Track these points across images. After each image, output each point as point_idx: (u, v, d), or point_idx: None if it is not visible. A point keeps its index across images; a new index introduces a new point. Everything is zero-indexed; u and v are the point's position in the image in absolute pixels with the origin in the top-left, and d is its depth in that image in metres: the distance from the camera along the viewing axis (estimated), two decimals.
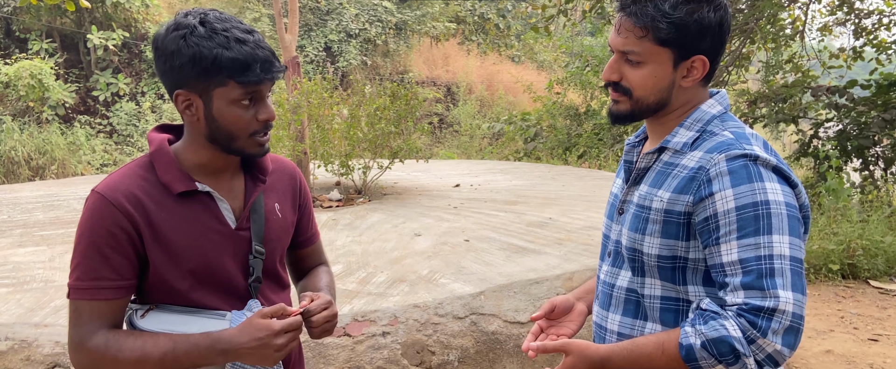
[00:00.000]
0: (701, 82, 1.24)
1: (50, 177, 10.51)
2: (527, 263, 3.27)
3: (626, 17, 1.19)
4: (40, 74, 10.87)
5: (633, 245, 1.26)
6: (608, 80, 1.25)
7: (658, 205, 1.20)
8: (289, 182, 1.43)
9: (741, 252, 1.09)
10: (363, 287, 2.99)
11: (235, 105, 1.19)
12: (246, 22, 1.40)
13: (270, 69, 1.19)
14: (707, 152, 1.18)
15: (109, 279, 1.19)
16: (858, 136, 7.48)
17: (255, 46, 1.17)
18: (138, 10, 12.23)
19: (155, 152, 1.25)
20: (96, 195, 1.20)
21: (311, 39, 14.37)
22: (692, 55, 1.19)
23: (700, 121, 1.24)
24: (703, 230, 1.15)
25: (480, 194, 5.57)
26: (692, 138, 1.22)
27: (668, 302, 1.24)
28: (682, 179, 1.18)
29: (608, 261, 1.36)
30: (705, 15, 1.15)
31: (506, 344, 2.74)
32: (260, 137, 1.24)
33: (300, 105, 5.44)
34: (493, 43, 17.36)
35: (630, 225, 1.27)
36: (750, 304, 1.07)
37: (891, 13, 9.00)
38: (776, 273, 1.07)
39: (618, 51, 1.22)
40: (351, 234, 4.07)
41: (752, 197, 1.10)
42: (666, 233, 1.20)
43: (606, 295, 1.35)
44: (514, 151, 11.70)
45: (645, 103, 1.23)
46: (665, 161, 1.25)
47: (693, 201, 1.16)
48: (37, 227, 4.31)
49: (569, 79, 11.59)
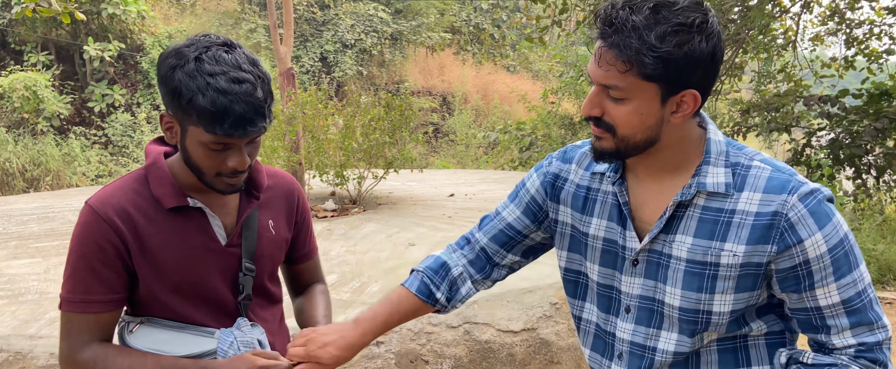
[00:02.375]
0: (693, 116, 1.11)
1: (45, 188, 10.49)
2: (520, 272, 3.29)
3: (607, 49, 1.03)
4: (35, 86, 10.88)
5: (696, 306, 1.12)
6: (588, 115, 1.10)
7: (730, 259, 1.08)
8: (285, 198, 1.40)
9: (841, 293, 1.06)
10: (357, 296, 3.00)
11: (203, 147, 1.15)
12: (242, 32, 1.39)
13: (242, 126, 1.11)
14: (767, 192, 1.07)
15: (99, 293, 1.19)
16: (850, 145, 7.54)
17: (234, 100, 1.09)
18: (134, 22, 12.28)
19: (150, 166, 1.25)
20: (88, 208, 1.20)
21: (307, 50, 14.43)
22: (681, 90, 1.04)
23: (722, 154, 1.11)
24: (788, 276, 1.08)
25: (475, 203, 5.59)
26: (728, 175, 1.10)
27: (724, 343, 1.17)
28: (755, 228, 1.06)
29: (629, 319, 1.20)
30: (696, 46, 1.00)
31: (499, 352, 2.75)
32: (227, 179, 1.19)
33: (295, 116, 5.46)
34: (489, 53, 17.45)
35: (685, 284, 1.12)
36: (865, 343, 1.07)
37: (881, 23, 9.09)
38: (873, 303, 1.08)
39: (598, 84, 1.07)
40: (345, 244, 4.09)
41: (836, 236, 1.06)
42: (741, 288, 1.10)
43: (641, 358, 1.20)
44: (510, 160, 11.73)
45: (631, 142, 1.09)
46: (704, 206, 1.10)
47: (777, 250, 1.06)
48: (32, 239, 4.31)
49: (563, 88, 11.66)
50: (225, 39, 1.17)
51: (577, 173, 1.27)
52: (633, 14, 1.00)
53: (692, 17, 1.00)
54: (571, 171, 1.28)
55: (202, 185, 1.26)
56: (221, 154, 1.16)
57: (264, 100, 1.13)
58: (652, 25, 0.99)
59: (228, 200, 1.31)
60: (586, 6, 7.99)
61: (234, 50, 1.15)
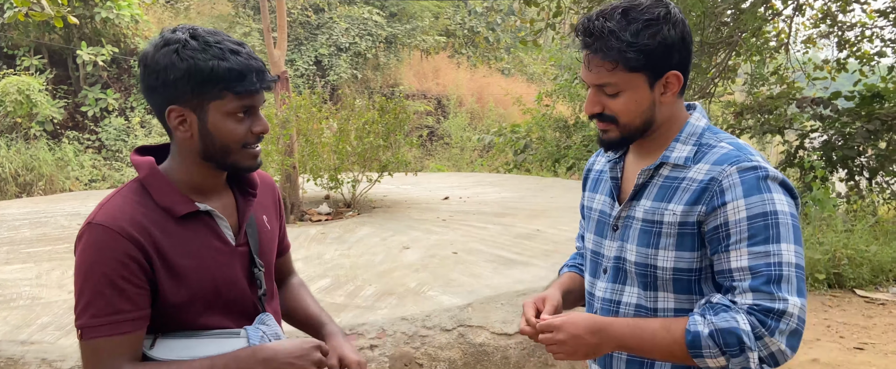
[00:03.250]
0: (678, 96, 1.27)
1: (37, 193, 10.44)
2: (514, 275, 3.29)
3: (593, 54, 1.20)
4: (28, 90, 10.83)
5: (644, 260, 1.26)
6: (591, 113, 1.27)
7: (671, 218, 1.22)
8: (270, 194, 1.44)
9: (751, 259, 1.14)
10: (351, 300, 2.99)
11: (231, 117, 1.18)
12: (236, 37, 1.42)
13: (265, 78, 1.19)
14: (715, 164, 1.20)
15: (127, 311, 1.13)
16: (843, 147, 7.57)
17: (248, 57, 1.16)
18: (128, 26, 12.24)
19: (148, 176, 1.21)
20: (99, 227, 1.13)
21: (302, 53, 14.41)
22: (664, 73, 1.21)
23: (694, 135, 1.27)
24: (712, 237, 1.19)
25: (469, 207, 5.59)
26: (692, 152, 1.25)
27: (681, 314, 1.25)
28: (694, 191, 1.20)
29: (605, 278, 1.35)
30: (667, 34, 1.18)
31: (493, 355, 2.75)
32: (253, 149, 1.23)
33: (289, 119, 5.46)
34: (483, 56, 17.48)
35: (638, 240, 1.27)
36: (761, 305, 1.12)
37: (873, 25, 9.15)
38: (784, 279, 1.13)
39: (593, 85, 1.24)
40: (339, 248, 4.08)
41: (762, 207, 1.15)
42: (680, 246, 1.22)
43: (608, 312, 1.34)
44: (505, 163, 11.75)
45: (632, 127, 1.25)
46: (666, 176, 1.26)
47: (706, 210, 1.18)
48: (24, 244, 4.29)
49: (558, 91, 11.69)
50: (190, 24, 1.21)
51: (599, 162, 1.48)
52: (607, 21, 1.18)
53: (657, 12, 1.18)
54: (597, 162, 1.50)
55: (202, 189, 1.26)
56: (245, 121, 1.20)
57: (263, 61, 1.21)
58: (625, 26, 1.17)
59: (226, 201, 1.31)
60: (580, 9, 8.01)
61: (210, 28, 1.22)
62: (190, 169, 1.23)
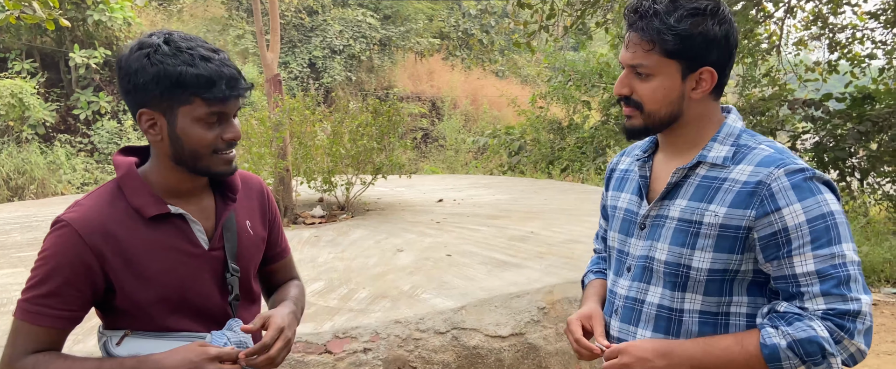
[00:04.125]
0: (713, 96, 1.26)
1: (29, 197, 10.38)
2: (508, 277, 3.29)
3: (634, 33, 1.22)
4: (21, 93, 10.77)
5: (677, 260, 1.24)
6: (619, 94, 1.26)
7: (711, 219, 1.20)
8: (257, 198, 1.43)
9: (817, 263, 1.13)
10: (345, 303, 2.99)
11: (200, 123, 1.17)
12: (229, 39, 1.41)
13: (236, 86, 1.18)
14: (759, 166, 1.19)
15: (56, 308, 1.17)
16: (835, 148, 7.62)
17: (220, 64, 1.16)
18: (120, 29, 12.20)
19: (123, 176, 1.24)
20: (65, 226, 1.18)
21: (296, 56, 14.40)
22: (699, 67, 1.21)
23: (731, 135, 1.25)
24: (769, 244, 1.16)
25: (463, 209, 5.60)
26: (730, 152, 1.23)
27: (706, 316, 1.24)
28: (739, 193, 1.18)
29: (628, 276, 1.34)
30: (710, 28, 1.18)
31: (487, 358, 2.75)
32: (225, 154, 1.22)
33: (282, 122, 5.45)
34: (477, 58, 17.50)
35: (672, 240, 1.24)
36: (834, 308, 1.11)
37: (864, 27, 9.21)
38: (852, 279, 1.13)
39: (627, 65, 1.24)
40: (333, 251, 4.07)
41: (819, 209, 1.14)
42: (719, 248, 1.20)
43: (631, 310, 1.32)
44: (499, 165, 11.76)
45: (657, 116, 1.24)
46: (703, 175, 1.24)
47: (756, 215, 1.16)
48: (14, 249, 4.26)
49: (552, 93, 11.71)
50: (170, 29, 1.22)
51: (624, 162, 1.47)
52: (654, 3, 1.20)
53: (705, 4, 1.19)
54: (621, 162, 1.49)
55: (178, 191, 1.27)
56: (216, 128, 1.19)
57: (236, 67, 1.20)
58: (671, 11, 1.18)
59: (205, 204, 1.31)
60: (573, 12, 8.03)
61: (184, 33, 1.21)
62: (165, 172, 1.25)
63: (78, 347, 2.43)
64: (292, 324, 1.30)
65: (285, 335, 1.24)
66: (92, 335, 2.46)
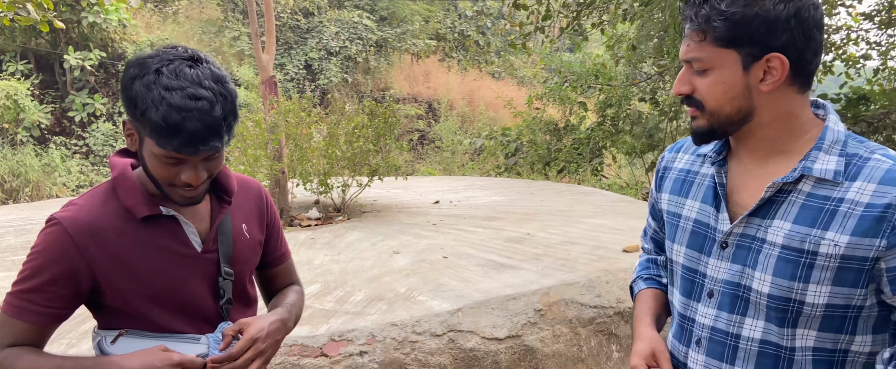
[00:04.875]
0: (795, 88, 1.08)
1: (24, 199, 10.34)
2: (504, 279, 3.28)
3: (688, 25, 1.09)
4: (16, 95, 10.73)
5: (786, 294, 1.07)
6: (679, 92, 1.13)
7: (830, 249, 1.02)
8: (255, 201, 1.42)
9: None
10: (341, 306, 2.98)
11: (157, 159, 1.15)
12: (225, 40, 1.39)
13: (193, 144, 1.09)
14: (883, 184, 1.01)
15: (38, 304, 1.18)
16: None
17: (187, 117, 1.07)
18: (115, 30, 12.17)
19: (117, 177, 1.24)
20: (56, 224, 1.19)
21: (292, 57, 14.38)
22: (764, 54, 1.03)
23: (837, 142, 1.07)
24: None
25: (460, 210, 5.59)
26: (841, 164, 1.05)
27: (821, 354, 1.09)
28: (863, 219, 1.01)
29: (712, 304, 1.16)
30: (770, 7, 1.01)
31: (484, 360, 2.74)
32: (182, 191, 1.18)
33: (277, 124, 5.43)
34: (474, 59, 17.51)
35: (777, 271, 1.07)
36: None
37: (858, 28, 9.24)
38: None
39: (684, 61, 1.11)
40: (329, 253, 4.06)
41: None
42: (840, 281, 1.03)
43: (722, 345, 1.16)
44: (495, 166, 11.76)
45: (722, 114, 1.09)
46: (809, 193, 1.06)
47: (886, 245, 1.00)
48: (8, 252, 4.24)
49: (548, 94, 11.72)
50: (193, 53, 1.14)
51: (682, 159, 1.29)
52: None
53: None
54: (677, 159, 1.30)
55: None
56: (175, 167, 1.15)
57: (223, 119, 1.10)
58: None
59: (201, 207, 1.31)
60: (569, 13, 8.04)
61: (200, 65, 1.12)
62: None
63: (72, 351, 2.41)
64: (275, 332, 1.28)
65: (258, 346, 1.22)
66: (87, 338, 2.44)
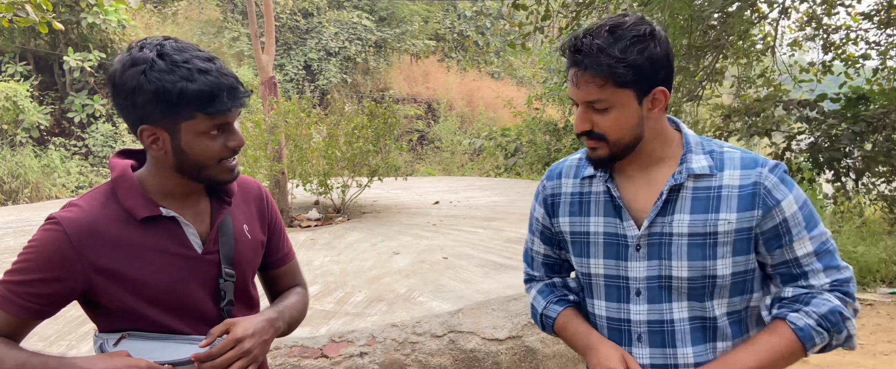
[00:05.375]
0: (663, 109, 1.30)
1: (23, 200, 10.33)
2: (504, 280, 3.28)
3: (582, 71, 1.21)
4: (15, 96, 10.72)
5: (701, 273, 1.26)
6: (581, 131, 1.27)
7: (726, 226, 1.25)
8: (256, 202, 1.41)
9: (813, 243, 1.25)
10: (341, 307, 2.97)
11: (204, 136, 1.17)
12: (224, 42, 1.40)
13: (237, 96, 1.16)
14: (745, 169, 1.26)
15: (23, 297, 1.18)
16: (830, 149, 7.63)
17: (218, 75, 1.14)
18: (115, 31, 12.16)
19: (117, 178, 1.23)
20: (55, 224, 1.18)
21: (291, 58, 14.37)
22: (652, 88, 1.23)
23: (698, 144, 1.31)
24: (772, 236, 1.26)
25: (459, 211, 5.58)
26: (710, 160, 1.29)
27: (733, 316, 1.30)
28: (742, 198, 1.25)
29: (640, 300, 1.31)
30: (654, 51, 1.21)
31: (484, 361, 2.74)
32: (229, 162, 1.22)
33: (277, 125, 5.43)
34: (473, 60, 17.51)
35: (690, 255, 1.26)
36: (837, 279, 1.25)
37: (857, 28, 9.24)
38: (835, 250, 1.28)
39: (582, 102, 1.25)
40: (329, 254, 4.05)
41: (801, 197, 1.27)
42: (738, 251, 1.26)
43: (661, 333, 1.31)
44: (495, 167, 11.76)
45: (622, 143, 1.26)
46: (693, 187, 1.27)
47: (762, 213, 1.24)
48: (7, 254, 4.23)
49: (547, 94, 11.72)
50: (161, 37, 1.18)
51: (567, 184, 1.42)
52: (594, 39, 1.20)
53: (643, 29, 1.21)
54: (562, 185, 1.43)
55: (174, 195, 1.26)
56: (219, 138, 1.19)
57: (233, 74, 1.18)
58: (613, 43, 1.19)
59: (201, 208, 1.30)
60: (568, 13, 8.04)
61: (176, 40, 1.18)
62: (163, 178, 1.25)
63: (73, 352, 2.41)
64: (261, 332, 1.26)
65: (242, 346, 1.21)
66: (87, 339, 2.44)
